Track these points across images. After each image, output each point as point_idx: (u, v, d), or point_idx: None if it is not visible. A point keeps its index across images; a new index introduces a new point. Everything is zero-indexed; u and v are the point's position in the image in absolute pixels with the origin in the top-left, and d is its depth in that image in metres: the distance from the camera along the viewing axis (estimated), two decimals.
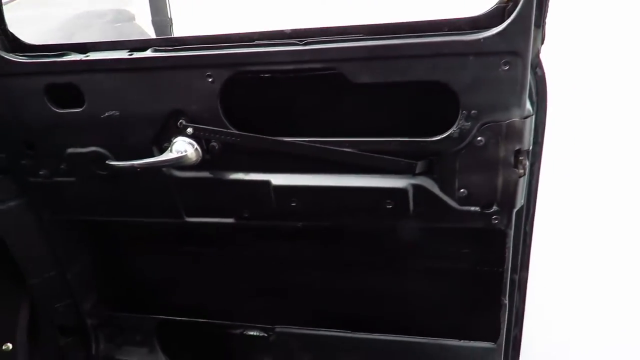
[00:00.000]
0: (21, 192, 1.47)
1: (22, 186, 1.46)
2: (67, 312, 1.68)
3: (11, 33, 1.26)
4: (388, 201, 1.20)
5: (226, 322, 1.58)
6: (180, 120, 1.19)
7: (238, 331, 1.61)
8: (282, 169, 1.24)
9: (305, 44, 1.04)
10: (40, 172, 1.38)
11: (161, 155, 1.21)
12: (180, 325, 1.63)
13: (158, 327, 1.65)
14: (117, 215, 1.43)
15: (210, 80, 1.12)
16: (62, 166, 1.35)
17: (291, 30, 1.08)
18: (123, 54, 1.16)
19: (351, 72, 1.04)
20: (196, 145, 1.20)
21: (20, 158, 1.38)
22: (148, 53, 1.14)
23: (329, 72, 1.06)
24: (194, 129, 1.18)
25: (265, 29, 1.10)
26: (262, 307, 1.59)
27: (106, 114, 1.22)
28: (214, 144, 1.21)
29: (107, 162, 1.27)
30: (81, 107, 1.24)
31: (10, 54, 1.22)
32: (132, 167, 1.22)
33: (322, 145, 1.15)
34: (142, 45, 1.18)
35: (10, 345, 1.52)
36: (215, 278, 1.61)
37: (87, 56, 1.19)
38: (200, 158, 1.21)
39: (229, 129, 1.17)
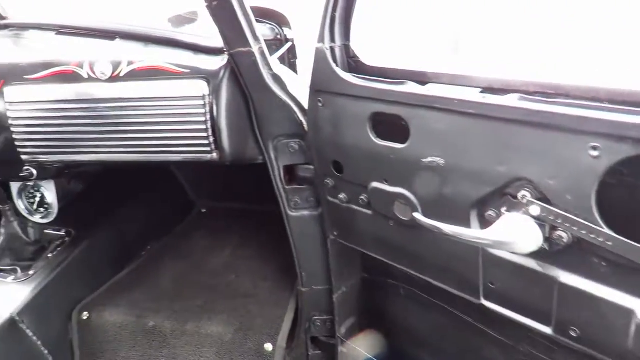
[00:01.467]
0: (317, 205, 1.45)
1: (319, 201, 1.43)
2: (323, 328, 1.65)
3: (352, 50, 1.17)
4: None
5: None
6: (524, 193, 0.88)
7: None
8: None
9: None
10: (340, 195, 1.31)
11: (482, 232, 0.92)
12: None
13: None
14: (404, 264, 1.25)
15: (594, 154, 0.77)
16: (363, 197, 1.24)
17: None
18: (474, 95, 0.92)
19: None
20: (537, 231, 0.87)
21: (325, 175, 1.32)
22: (509, 101, 0.86)
23: None
24: (544, 210, 0.85)
25: None
26: None
27: (429, 159, 1.01)
28: (563, 234, 0.86)
29: (413, 214, 1.07)
30: (403, 144, 1.06)
31: (348, 74, 1.13)
32: (441, 231, 0.98)
33: None
34: (500, 85, 0.91)
35: (270, 347, 1.56)
36: None
37: (428, 90, 0.99)
38: (536, 248, 0.88)
39: (601, 227, 0.79)
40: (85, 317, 1.70)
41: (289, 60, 2.15)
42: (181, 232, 2.26)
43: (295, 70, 2.15)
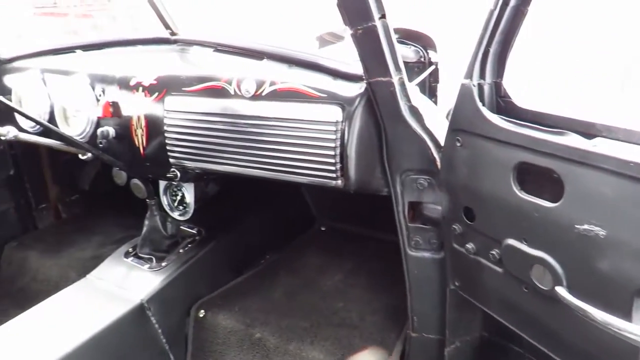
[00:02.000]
0: (439, 249, 1.34)
1: (442, 245, 1.31)
2: None
3: (504, 89, 1.05)
4: None
5: None
6: None
7: None
8: None
9: None
10: (467, 245, 1.18)
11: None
12: None
13: None
14: (534, 338, 1.08)
15: None
16: (494, 252, 1.10)
17: None
18: None
19: None
20: None
21: (454, 220, 1.21)
22: None
23: None
24: None
25: None
26: None
27: (585, 226, 0.85)
28: None
29: (555, 287, 0.91)
30: (553, 203, 0.91)
31: (495, 116, 1.01)
32: (590, 317, 0.81)
33: None
34: None
35: None
36: None
37: (595, 145, 0.83)
38: None
39: None
40: (201, 315, 1.80)
41: (430, 84, 2.06)
42: (298, 247, 2.30)
43: (434, 94, 2.05)
